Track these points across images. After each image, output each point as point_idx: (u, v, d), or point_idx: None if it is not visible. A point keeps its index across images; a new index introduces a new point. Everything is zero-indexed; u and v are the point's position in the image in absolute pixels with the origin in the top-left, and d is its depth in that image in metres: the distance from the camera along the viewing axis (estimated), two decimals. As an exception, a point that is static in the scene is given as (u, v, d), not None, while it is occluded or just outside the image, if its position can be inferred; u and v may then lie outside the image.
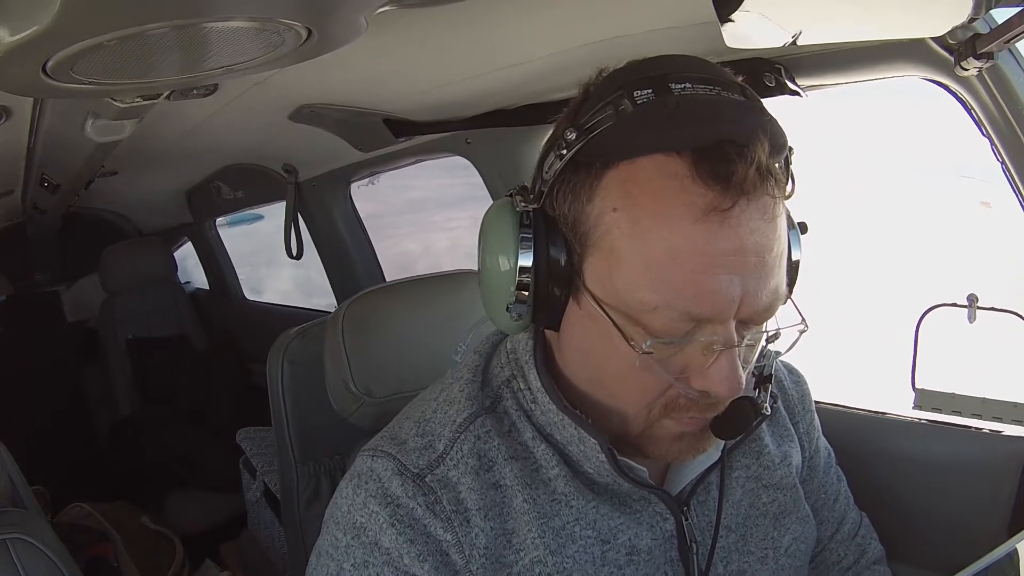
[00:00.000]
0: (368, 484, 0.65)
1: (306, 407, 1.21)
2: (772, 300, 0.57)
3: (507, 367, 0.70)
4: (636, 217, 0.56)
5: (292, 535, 1.25)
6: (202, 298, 3.28)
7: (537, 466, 0.66)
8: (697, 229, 0.54)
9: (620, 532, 0.67)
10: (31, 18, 0.59)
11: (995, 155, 0.90)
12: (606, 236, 0.57)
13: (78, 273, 3.34)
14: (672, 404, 0.61)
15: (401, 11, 0.77)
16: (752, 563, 0.74)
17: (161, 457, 2.61)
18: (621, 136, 0.56)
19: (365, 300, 1.11)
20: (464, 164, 1.64)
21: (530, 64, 1.13)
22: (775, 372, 0.81)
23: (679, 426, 0.62)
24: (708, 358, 0.58)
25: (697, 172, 0.54)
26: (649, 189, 0.55)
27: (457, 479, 0.65)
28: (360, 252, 2.24)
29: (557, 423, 0.66)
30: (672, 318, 0.56)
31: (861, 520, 0.90)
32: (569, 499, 0.66)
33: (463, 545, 0.63)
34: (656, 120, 0.55)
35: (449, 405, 0.69)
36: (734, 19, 0.74)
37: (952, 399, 1.03)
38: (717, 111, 0.56)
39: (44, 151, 1.68)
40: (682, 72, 0.57)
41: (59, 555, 1.11)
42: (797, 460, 0.81)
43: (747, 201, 0.54)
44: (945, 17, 0.76)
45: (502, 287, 0.62)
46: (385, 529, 0.63)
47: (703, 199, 0.54)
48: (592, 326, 0.60)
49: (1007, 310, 0.96)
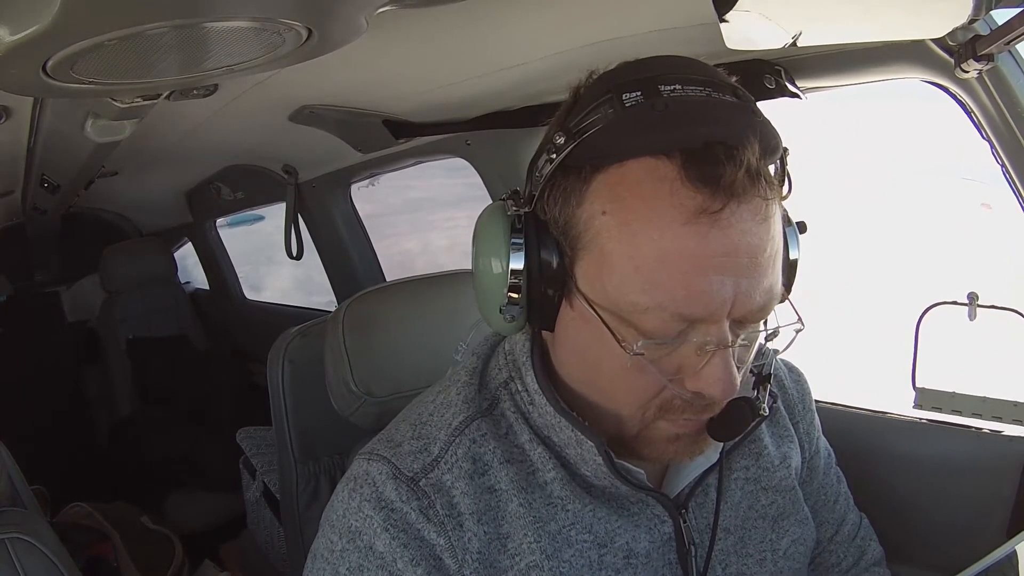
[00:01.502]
0: (363, 488, 0.65)
1: (306, 407, 1.21)
2: (766, 300, 0.57)
3: (505, 369, 0.70)
4: (625, 220, 0.55)
5: (292, 535, 1.26)
6: (202, 298, 3.28)
7: (533, 469, 0.66)
8: (687, 231, 0.54)
9: (617, 536, 0.67)
10: (31, 18, 0.59)
11: (995, 157, 0.90)
12: (596, 239, 0.57)
13: (78, 273, 3.34)
14: (667, 405, 0.61)
15: (401, 11, 0.78)
16: (751, 565, 0.73)
17: (161, 457, 2.61)
18: (610, 139, 0.56)
19: (365, 300, 1.12)
20: (463, 164, 1.64)
21: (530, 65, 1.13)
22: (775, 371, 0.80)
23: (674, 428, 0.62)
24: (702, 359, 0.57)
25: (686, 175, 0.53)
26: (638, 192, 0.55)
27: (451, 483, 0.65)
28: (360, 253, 2.25)
29: (554, 425, 0.65)
30: (663, 319, 0.56)
31: (861, 521, 0.89)
32: (565, 503, 0.66)
33: (456, 549, 0.63)
34: (644, 123, 0.55)
35: (446, 408, 0.69)
36: (734, 20, 0.74)
37: (952, 398, 1.03)
38: (706, 113, 0.55)
39: (44, 151, 1.68)
40: (672, 74, 0.57)
41: (58, 555, 1.11)
42: (797, 461, 0.80)
43: (737, 203, 0.54)
44: (945, 18, 0.76)
45: (494, 289, 0.62)
46: (379, 533, 0.63)
47: (692, 202, 0.53)
48: (585, 327, 0.60)
49: (1008, 308, 0.96)
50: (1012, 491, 0.98)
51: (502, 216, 0.62)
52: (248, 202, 2.60)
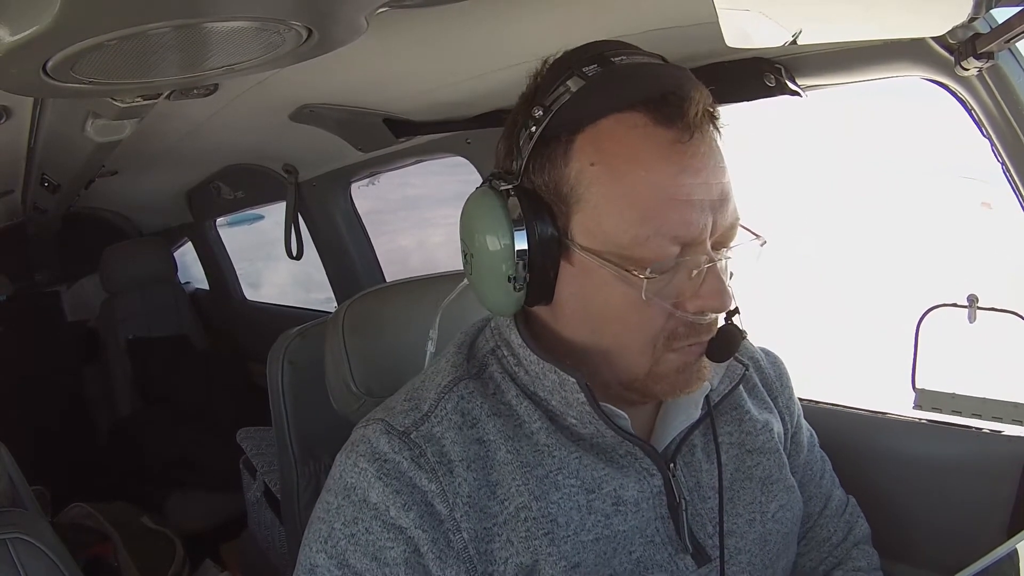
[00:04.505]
0: (359, 447, 0.69)
1: (306, 407, 1.21)
2: (734, 220, 0.66)
3: (491, 339, 0.75)
4: (613, 165, 0.63)
5: (292, 535, 1.26)
6: (202, 298, 3.28)
7: (520, 421, 0.69)
8: (667, 163, 0.62)
9: (605, 482, 0.69)
10: (32, 18, 0.59)
11: (995, 156, 0.90)
12: (589, 189, 0.63)
13: (78, 273, 3.34)
14: (673, 334, 0.66)
15: (401, 11, 0.78)
16: (741, 525, 0.76)
17: (161, 457, 2.61)
18: (582, 103, 0.64)
19: (366, 300, 1.11)
20: (461, 162, 1.64)
21: (530, 64, 1.12)
22: (751, 352, 0.86)
23: (680, 357, 0.67)
24: (697, 280, 0.64)
25: (655, 119, 0.62)
26: (619, 140, 0.63)
27: (441, 434, 0.68)
28: (360, 252, 2.24)
29: (539, 374, 0.69)
30: (662, 245, 0.62)
31: (848, 500, 0.92)
32: (552, 449, 0.68)
33: (447, 494, 0.65)
34: (609, 85, 0.64)
35: (436, 374, 0.74)
36: (734, 18, 0.74)
37: (952, 399, 1.03)
38: (656, 72, 0.65)
39: (44, 151, 1.68)
40: (615, 49, 0.66)
41: (59, 555, 1.11)
42: (779, 428, 0.83)
43: (701, 135, 0.62)
44: (945, 17, 0.76)
45: (497, 264, 0.67)
46: (373, 483, 0.66)
47: (665, 137, 0.62)
48: (588, 279, 0.65)
49: (1007, 310, 0.96)
50: (1012, 491, 0.98)
51: (492, 194, 0.67)
52: (248, 201, 2.60)
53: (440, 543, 0.65)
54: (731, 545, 0.74)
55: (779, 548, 0.79)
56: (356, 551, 0.66)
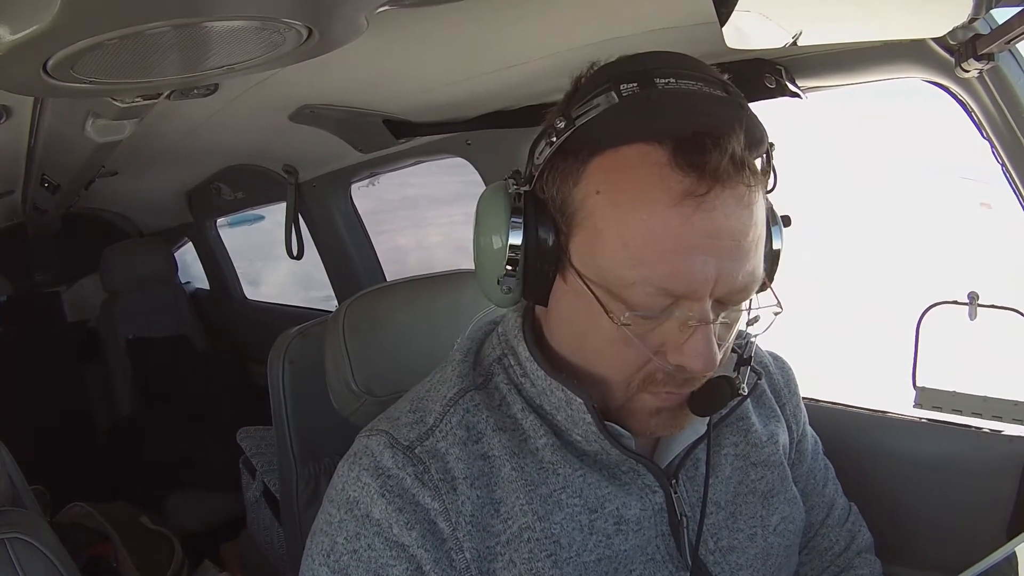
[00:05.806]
0: (362, 459, 0.68)
1: (306, 407, 1.21)
2: (748, 282, 0.61)
3: (498, 347, 0.74)
4: (617, 200, 0.60)
5: (291, 535, 1.25)
6: (202, 298, 3.27)
7: (525, 436, 0.69)
8: (673, 212, 0.57)
9: (607, 501, 0.68)
10: (31, 17, 0.59)
11: (995, 157, 0.90)
12: (590, 217, 0.61)
13: (78, 273, 3.33)
14: (650, 378, 0.64)
15: (401, 11, 0.78)
16: (742, 540, 0.75)
17: (161, 457, 2.61)
18: (606, 126, 0.60)
19: (366, 300, 1.11)
20: (461, 163, 1.64)
21: (530, 65, 1.13)
22: (759, 358, 0.84)
23: (657, 400, 0.65)
24: (684, 334, 0.61)
25: (675, 161, 0.57)
26: (630, 175, 0.59)
27: (446, 450, 0.67)
28: (361, 252, 2.24)
29: (545, 390, 0.68)
30: (648, 293, 0.59)
31: (851, 508, 0.91)
32: (556, 467, 0.68)
33: (450, 513, 0.65)
34: (639, 111, 0.59)
35: (442, 384, 0.73)
36: (734, 19, 0.74)
37: (953, 397, 1.03)
38: (696, 105, 0.59)
39: (44, 151, 1.68)
40: (667, 68, 0.61)
41: (58, 555, 1.11)
42: (784, 440, 0.83)
43: (722, 188, 0.57)
44: (945, 17, 0.76)
45: (494, 263, 0.66)
46: (376, 500, 0.65)
47: (680, 185, 0.57)
48: (576, 300, 0.64)
49: (1008, 307, 0.96)
50: (1012, 491, 0.98)
51: (503, 195, 0.66)
52: (248, 202, 2.60)
53: (443, 562, 0.65)
54: (732, 561, 0.74)
55: (781, 561, 0.78)
56: (359, 567, 0.65)
